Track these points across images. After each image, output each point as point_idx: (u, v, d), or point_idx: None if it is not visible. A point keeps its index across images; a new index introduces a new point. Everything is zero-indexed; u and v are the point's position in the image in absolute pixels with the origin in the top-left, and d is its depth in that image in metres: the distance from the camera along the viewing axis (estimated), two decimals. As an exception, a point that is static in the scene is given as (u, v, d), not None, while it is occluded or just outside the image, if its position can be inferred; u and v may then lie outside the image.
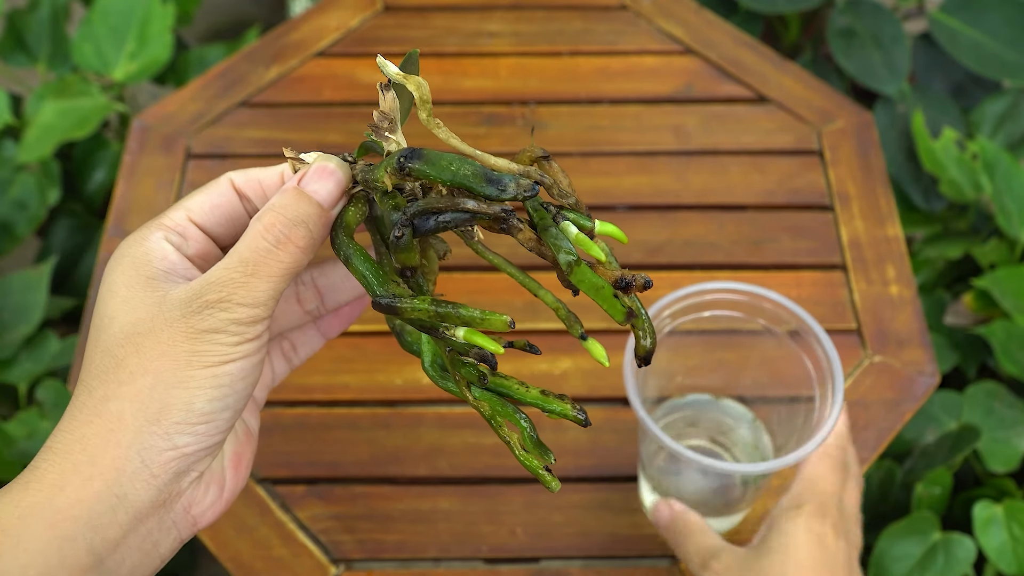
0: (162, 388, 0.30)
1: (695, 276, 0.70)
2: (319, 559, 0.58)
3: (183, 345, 0.30)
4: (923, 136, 0.97)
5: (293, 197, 0.32)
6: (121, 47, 0.99)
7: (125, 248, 0.33)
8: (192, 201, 0.34)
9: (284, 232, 0.31)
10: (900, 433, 0.85)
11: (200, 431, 0.31)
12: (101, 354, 0.31)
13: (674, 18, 0.87)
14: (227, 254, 0.32)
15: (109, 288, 0.32)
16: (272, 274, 0.31)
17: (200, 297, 0.31)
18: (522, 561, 0.59)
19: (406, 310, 0.31)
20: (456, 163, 0.31)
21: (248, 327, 0.31)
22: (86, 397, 0.31)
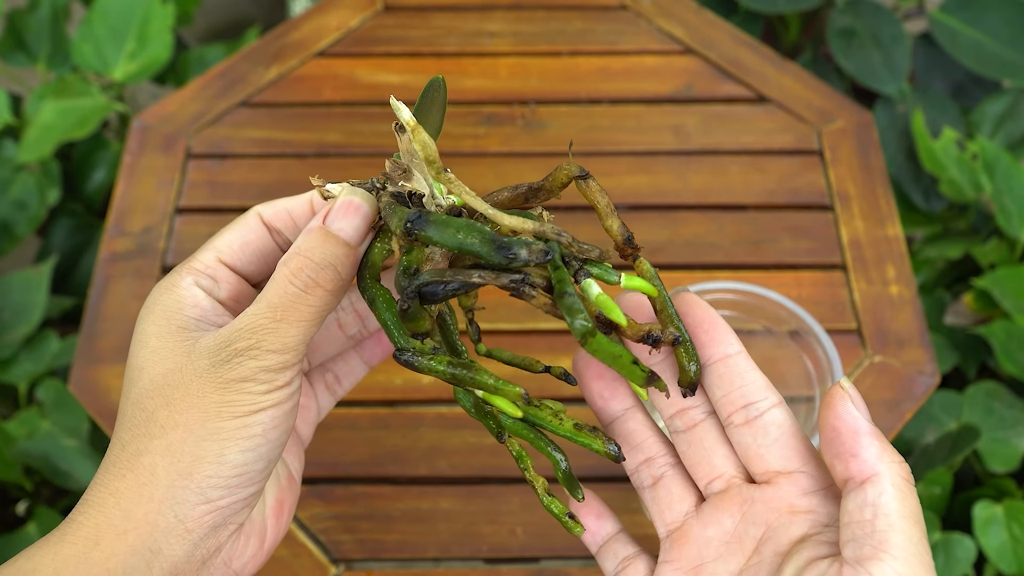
0: (192, 441, 0.30)
1: (695, 276, 0.70)
2: (319, 559, 0.58)
3: (212, 396, 0.30)
4: (923, 136, 0.97)
5: (319, 239, 0.31)
6: (121, 47, 0.99)
7: (156, 296, 0.33)
8: (221, 241, 0.34)
9: (312, 276, 0.31)
10: (900, 433, 0.85)
11: (234, 483, 0.31)
12: (132, 406, 0.31)
13: (674, 18, 0.87)
14: (256, 300, 0.31)
15: (139, 338, 0.32)
16: (301, 319, 0.31)
17: (229, 345, 0.30)
18: (522, 561, 0.59)
19: (423, 368, 0.30)
20: (464, 230, 0.29)
21: (277, 374, 0.31)
22: (119, 451, 0.31)
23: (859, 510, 0.29)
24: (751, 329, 0.57)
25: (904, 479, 0.29)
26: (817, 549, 0.30)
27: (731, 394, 0.33)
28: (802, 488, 0.32)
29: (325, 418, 0.64)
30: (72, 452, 0.80)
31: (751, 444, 0.32)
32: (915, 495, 0.29)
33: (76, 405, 0.81)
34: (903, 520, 0.28)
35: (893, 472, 0.29)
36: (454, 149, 0.77)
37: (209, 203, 0.75)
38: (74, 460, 0.80)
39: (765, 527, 0.32)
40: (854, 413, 0.30)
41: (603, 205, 0.32)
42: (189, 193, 0.75)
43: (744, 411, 0.32)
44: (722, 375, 0.33)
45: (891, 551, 0.28)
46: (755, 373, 0.33)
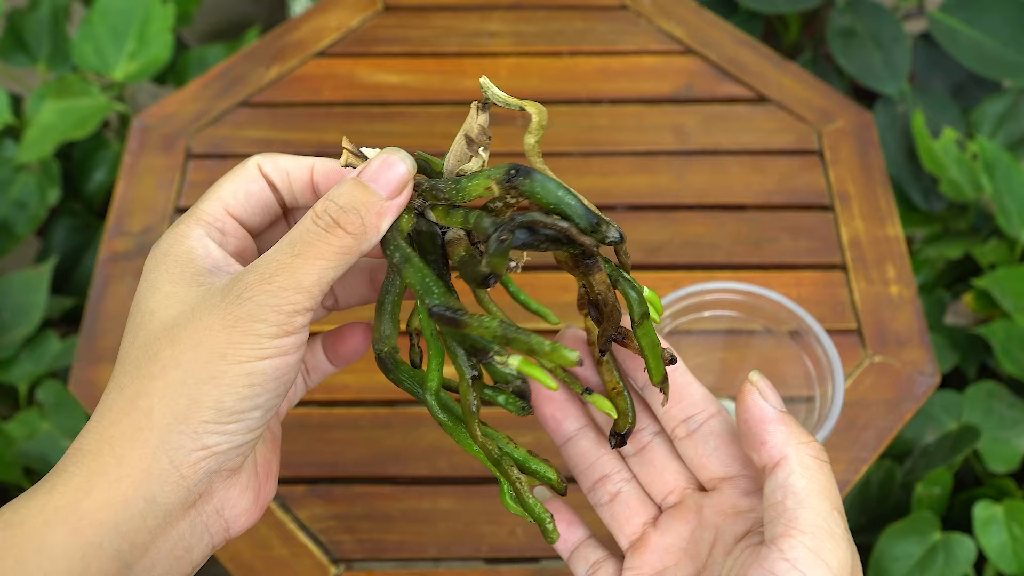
0: (192, 383, 0.29)
1: (695, 276, 0.70)
2: (319, 559, 0.58)
3: (219, 335, 0.29)
4: (923, 136, 0.97)
5: (348, 186, 0.31)
6: (121, 47, 0.99)
7: (167, 247, 0.32)
8: (225, 191, 0.33)
9: (334, 217, 0.30)
10: (900, 433, 0.85)
11: (231, 430, 0.29)
12: (138, 349, 0.30)
13: (674, 18, 0.87)
14: (278, 242, 0.30)
15: (152, 285, 0.31)
16: (319, 257, 0.29)
17: (242, 280, 0.29)
18: (522, 561, 0.59)
19: (472, 325, 0.29)
20: (562, 190, 0.30)
21: (288, 317, 0.29)
22: (117, 394, 0.30)
23: (772, 493, 0.30)
24: (751, 329, 0.57)
25: (812, 457, 0.31)
26: (753, 539, 0.32)
27: (672, 409, 0.34)
28: (743, 490, 0.33)
29: (325, 418, 0.64)
30: (72, 452, 0.80)
31: (695, 455, 0.34)
32: (825, 471, 0.31)
33: (76, 406, 0.81)
34: (811, 496, 0.29)
35: (800, 453, 0.31)
36: (454, 149, 0.77)
37: (209, 203, 0.75)
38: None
39: (715, 530, 0.33)
40: (760, 403, 0.32)
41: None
42: (189, 193, 0.75)
43: (685, 424, 0.34)
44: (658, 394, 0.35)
45: (800, 527, 0.29)
46: (694, 386, 0.35)
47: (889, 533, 0.78)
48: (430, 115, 0.80)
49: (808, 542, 0.29)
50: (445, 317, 0.29)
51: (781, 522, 0.29)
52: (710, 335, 0.59)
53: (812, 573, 0.28)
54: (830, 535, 0.29)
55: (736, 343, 0.59)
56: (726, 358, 0.61)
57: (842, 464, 0.61)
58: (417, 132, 0.79)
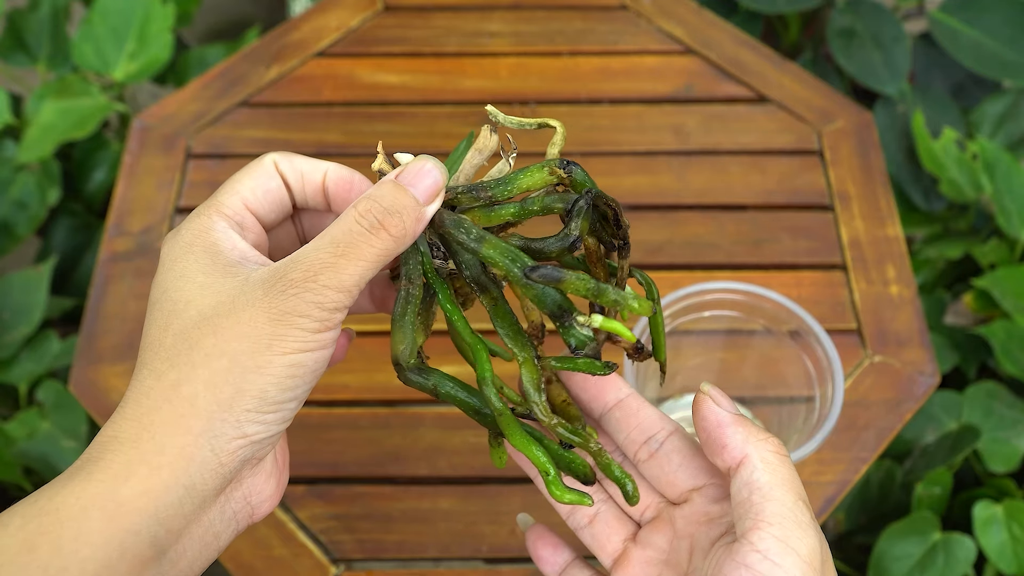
0: (238, 372, 0.29)
1: (695, 276, 0.70)
2: (319, 559, 0.58)
3: (264, 327, 0.29)
4: (923, 136, 0.97)
5: (390, 188, 0.32)
6: (121, 47, 0.99)
7: (191, 237, 0.32)
8: (243, 186, 0.33)
9: (379, 218, 0.31)
10: (900, 433, 0.85)
11: (269, 419, 0.30)
12: (174, 337, 0.30)
13: (674, 18, 0.87)
14: (319, 236, 0.31)
15: (182, 274, 0.31)
16: (361, 258, 0.30)
17: (285, 276, 0.30)
18: (522, 561, 0.59)
19: (571, 279, 0.31)
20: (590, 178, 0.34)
21: (330, 313, 0.30)
22: (154, 381, 0.30)
23: (739, 491, 0.31)
24: (751, 329, 0.57)
25: (773, 452, 0.32)
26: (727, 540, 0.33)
27: (631, 434, 0.36)
28: (712, 497, 0.34)
29: (325, 418, 0.64)
30: (71, 454, 0.80)
31: (661, 474, 0.35)
32: (787, 464, 0.32)
33: (76, 406, 0.81)
34: (775, 489, 0.31)
35: (760, 449, 0.32)
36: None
37: (209, 203, 0.75)
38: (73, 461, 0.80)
39: (691, 539, 0.34)
40: (715, 410, 0.33)
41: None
42: (189, 193, 0.75)
43: (646, 446, 0.35)
44: (619, 419, 0.36)
45: (767, 519, 0.30)
46: (648, 409, 0.36)
47: (889, 533, 0.78)
48: (430, 115, 0.80)
49: (776, 532, 0.29)
50: (546, 273, 0.31)
51: (749, 517, 0.30)
52: (710, 335, 0.59)
53: (783, 561, 0.29)
54: (797, 524, 0.30)
55: (736, 343, 0.59)
56: (726, 358, 0.61)
57: (842, 464, 0.61)
58: (417, 132, 0.79)
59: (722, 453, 0.32)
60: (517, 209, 0.34)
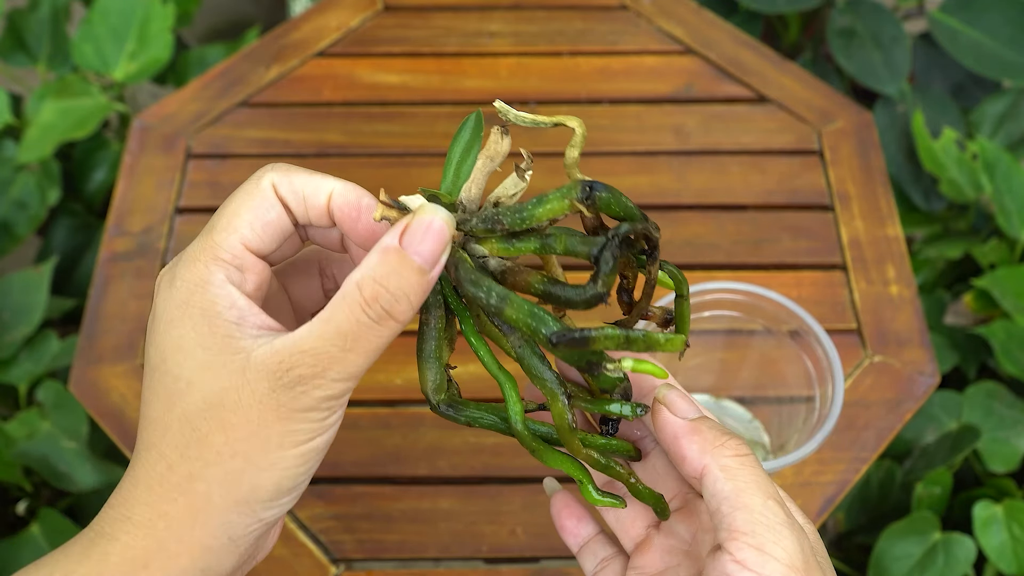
0: (252, 472, 0.30)
1: (695, 276, 0.70)
2: (319, 559, 0.58)
3: (274, 426, 0.29)
4: (923, 136, 0.97)
5: (396, 265, 0.29)
6: (121, 47, 0.99)
7: (187, 294, 0.30)
8: (241, 220, 0.31)
9: (386, 308, 0.29)
10: (900, 433, 0.85)
11: (284, 502, 0.31)
12: (179, 422, 0.30)
13: (674, 18, 0.87)
14: (321, 318, 0.29)
15: (179, 345, 0.30)
16: (370, 349, 0.30)
17: (291, 369, 0.29)
18: (522, 561, 0.59)
19: (599, 339, 0.30)
20: (625, 198, 0.31)
21: (339, 399, 0.30)
22: (165, 470, 0.30)
23: (709, 502, 0.31)
24: (751, 329, 0.57)
25: (732, 456, 0.31)
26: None
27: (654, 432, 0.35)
28: None
29: (325, 418, 0.64)
30: (71, 454, 0.80)
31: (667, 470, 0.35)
32: (749, 465, 0.31)
33: (76, 406, 0.81)
34: (741, 496, 0.30)
35: (718, 458, 0.31)
36: (454, 149, 0.77)
37: (209, 203, 0.75)
38: (73, 462, 0.80)
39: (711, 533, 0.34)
40: (670, 420, 0.32)
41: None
42: (189, 193, 0.75)
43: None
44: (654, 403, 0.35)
45: (739, 528, 0.30)
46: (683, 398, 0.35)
47: (889, 533, 0.78)
48: (430, 115, 0.80)
49: (751, 541, 0.29)
50: (573, 340, 0.30)
51: (723, 528, 0.30)
52: (710, 335, 0.59)
53: (763, 570, 0.29)
54: (769, 528, 0.29)
55: (736, 343, 0.59)
56: (726, 358, 0.61)
57: (842, 464, 0.61)
58: (417, 132, 0.79)
59: (682, 466, 0.32)
60: (538, 246, 0.32)
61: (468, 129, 0.33)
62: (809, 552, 0.30)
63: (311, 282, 0.37)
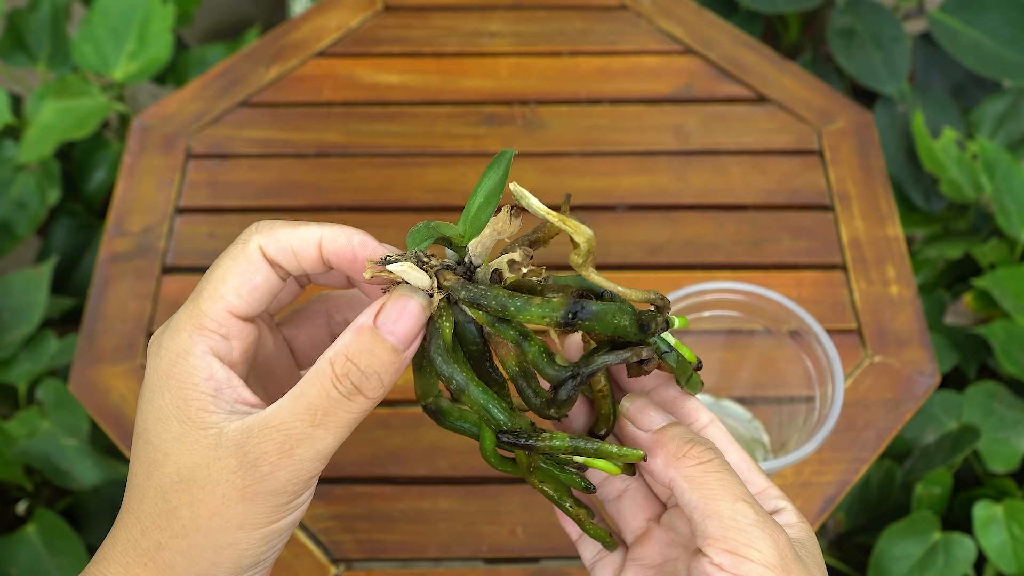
0: (212, 549, 0.30)
1: (695, 276, 0.70)
2: (319, 559, 0.58)
3: (236, 507, 0.30)
4: (923, 136, 0.97)
5: (369, 343, 0.30)
6: (121, 47, 0.99)
7: (168, 364, 0.31)
8: (228, 287, 0.31)
9: (356, 384, 0.30)
10: (900, 433, 0.85)
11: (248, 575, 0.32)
12: (155, 491, 0.31)
13: (674, 18, 0.87)
14: (288, 395, 0.30)
15: (159, 416, 0.31)
16: (339, 425, 0.30)
17: (259, 445, 0.29)
18: (522, 561, 0.59)
19: (543, 448, 0.31)
20: (617, 315, 0.30)
21: (304, 484, 0.30)
22: (139, 536, 0.31)
23: (684, 511, 0.31)
24: (751, 329, 0.57)
25: (694, 466, 0.31)
26: None
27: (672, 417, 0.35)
28: None
29: (325, 418, 0.64)
30: (72, 451, 0.80)
31: None
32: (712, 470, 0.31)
33: (76, 404, 0.81)
34: (708, 503, 0.30)
35: (681, 469, 0.31)
36: (455, 149, 0.77)
37: (209, 203, 0.75)
38: (74, 459, 0.80)
39: None
40: (633, 434, 0.33)
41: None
42: (189, 193, 0.75)
43: None
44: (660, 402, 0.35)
45: (712, 534, 0.30)
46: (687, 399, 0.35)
47: (889, 533, 0.78)
48: (430, 115, 0.80)
49: (724, 546, 0.30)
50: (517, 445, 0.31)
51: (699, 535, 0.31)
52: (710, 335, 0.59)
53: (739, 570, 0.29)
54: (740, 531, 0.30)
55: (736, 343, 0.59)
56: (726, 358, 0.61)
57: (842, 464, 0.61)
58: (417, 132, 0.79)
59: (652, 479, 0.33)
60: (515, 340, 0.32)
61: (497, 173, 0.32)
62: (786, 547, 0.30)
63: (319, 330, 0.37)
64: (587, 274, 0.32)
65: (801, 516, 0.33)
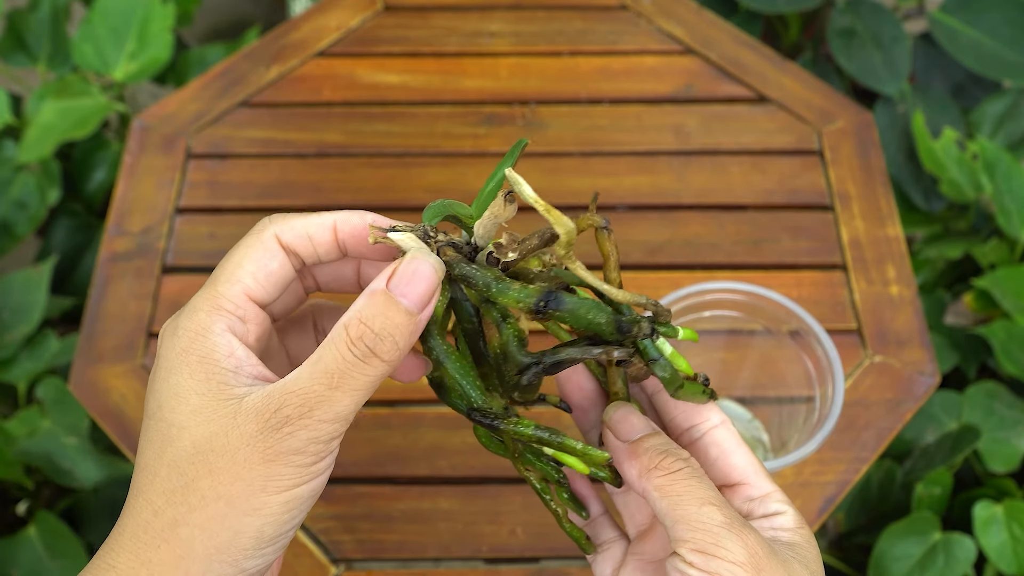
0: (234, 516, 0.29)
1: (695, 276, 0.70)
2: (319, 559, 0.58)
3: (258, 468, 0.29)
4: (923, 136, 0.97)
5: (381, 306, 0.30)
6: (121, 47, 0.99)
7: (187, 342, 0.31)
8: (244, 272, 0.32)
9: (371, 346, 0.30)
10: (900, 433, 0.85)
11: (267, 552, 0.30)
12: (168, 468, 0.30)
13: (674, 18, 0.87)
14: (307, 362, 0.30)
15: (175, 391, 0.30)
16: (356, 388, 0.30)
17: (279, 410, 0.29)
18: (522, 561, 0.59)
19: (508, 432, 0.32)
20: (593, 311, 0.30)
21: (326, 444, 0.30)
22: (151, 517, 0.30)
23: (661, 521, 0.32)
24: (751, 329, 0.57)
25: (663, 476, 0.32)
26: None
27: (676, 417, 0.36)
28: (745, 496, 0.34)
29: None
30: (73, 450, 0.80)
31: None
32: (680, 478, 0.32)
33: (76, 403, 0.81)
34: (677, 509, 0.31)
35: (652, 479, 0.32)
36: (454, 149, 0.77)
37: (209, 203, 0.75)
38: (75, 458, 0.80)
39: None
40: (612, 443, 0.34)
41: (613, 258, 0.33)
42: (189, 193, 0.75)
43: (688, 433, 0.35)
44: (666, 401, 0.36)
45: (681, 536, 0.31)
46: None
47: (889, 533, 0.78)
48: (430, 115, 0.80)
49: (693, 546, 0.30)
50: (483, 423, 0.31)
51: (672, 539, 0.31)
52: (710, 335, 0.59)
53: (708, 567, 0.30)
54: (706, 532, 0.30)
55: (736, 343, 0.59)
56: (726, 358, 0.61)
57: (842, 464, 0.61)
58: (417, 132, 0.79)
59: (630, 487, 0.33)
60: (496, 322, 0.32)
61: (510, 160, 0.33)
62: (757, 546, 0.30)
63: (306, 338, 0.37)
64: (573, 267, 0.31)
65: (800, 521, 0.33)
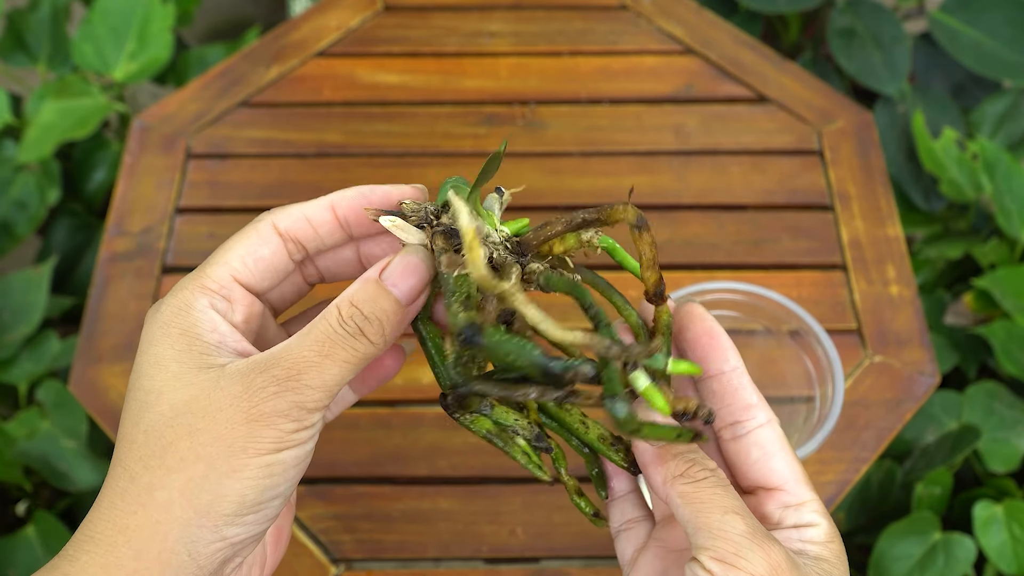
0: (214, 478, 0.29)
1: (695, 276, 0.70)
2: (319, 559, 0.58)
3: (240, 428, 0.29)
4: (923, 136, 0.97)
5: (373, 292, 0.31)
6: (121, 47, 0.99)
7: (170, 316, 0.31)
8: (233, 255, 0.32)
9: (360, 325, 0.30)
10: (900, 433, 0.85)
11: (249, 520, 0.30)
12: (145, 433, 0.29)
13: (674, 18, 0.87)
14: (297, 334, 0.30)
15: (155, 361, 0.30)
16: (345, 360, 0.30)
17: (266, 371, 0.29)
18: (522, 561, 0.59)
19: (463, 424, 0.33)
20: (515, 353, 0.29)
21: (310, 413, 0.30)
22: (128, 483, 0.29)
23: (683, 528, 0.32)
24: (751, 329, 0.57)
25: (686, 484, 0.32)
26: None
27: (721, 411, 0.35)
28: (781, 503, 0.34)
29: (325, 418, 0.64)
30: (71, 453, 0.80)
31: (737, 461, 0.35)
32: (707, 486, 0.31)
33: (76, 406, 0.81)
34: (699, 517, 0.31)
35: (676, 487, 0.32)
36: (454, 149, 0.77)
37: (209, 203, 0.75)
38: (73, 461, 0.80)
39: None
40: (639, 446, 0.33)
41: (648, 257, 0.33)
42: (189, 193, 0.75)
43: (731, 428, 0.35)
44: (715, 391, 0.35)
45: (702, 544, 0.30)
46: (747, 391, 0.35)
47: (889, 533, 0.78)
48: (430, 115, 0.80)
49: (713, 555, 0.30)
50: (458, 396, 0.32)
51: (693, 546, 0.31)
52: (710, 335, 0.59)
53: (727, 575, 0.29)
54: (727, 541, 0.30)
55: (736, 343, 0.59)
56: (726, 358, 0.61)
57: (842, 464, 0.61)
58: (417, 132, 0.79)
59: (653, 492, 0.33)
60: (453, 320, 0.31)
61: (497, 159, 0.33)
62: (779, 559, 0.30)
63: None
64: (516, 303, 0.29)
65: (832, 535, 0.33)
